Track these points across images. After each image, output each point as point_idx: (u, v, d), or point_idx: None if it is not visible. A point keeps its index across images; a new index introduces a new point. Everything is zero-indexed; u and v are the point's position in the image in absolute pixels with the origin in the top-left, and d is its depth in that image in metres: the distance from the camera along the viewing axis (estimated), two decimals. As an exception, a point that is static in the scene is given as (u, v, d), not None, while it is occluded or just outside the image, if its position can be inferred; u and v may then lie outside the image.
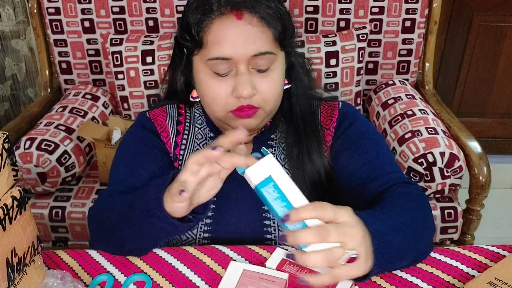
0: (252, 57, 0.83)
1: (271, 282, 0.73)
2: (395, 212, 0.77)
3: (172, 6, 1.80)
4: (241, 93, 0.83)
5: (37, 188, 1.52)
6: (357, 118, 0.96)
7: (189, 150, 0.97)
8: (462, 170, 1.45)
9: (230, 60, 0.83)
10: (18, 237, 0.66)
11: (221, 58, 0.83)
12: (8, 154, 0.64)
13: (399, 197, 0.82)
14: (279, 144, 0.97)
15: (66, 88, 1.93)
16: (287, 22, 0.88)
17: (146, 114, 1.00)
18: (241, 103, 0.85)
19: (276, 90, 0.88)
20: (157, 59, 1.71)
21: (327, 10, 1.80)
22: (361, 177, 0.89)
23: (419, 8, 1.78)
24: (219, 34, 0.83)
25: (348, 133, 0.93)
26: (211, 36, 0.84)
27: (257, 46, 0.83)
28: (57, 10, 1.80)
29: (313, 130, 0.94)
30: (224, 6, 0.83)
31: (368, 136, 0.93)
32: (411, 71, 1.89)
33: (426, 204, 0.84)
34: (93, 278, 0.78)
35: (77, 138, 1.61)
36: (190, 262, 0.82)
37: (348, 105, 0.99)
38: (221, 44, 0.83)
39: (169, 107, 1.00)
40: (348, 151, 0.92)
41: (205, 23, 0.84)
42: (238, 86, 0.83)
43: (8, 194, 0.65)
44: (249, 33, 0.83)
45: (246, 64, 0.84)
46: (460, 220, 1.51)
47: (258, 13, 0.83)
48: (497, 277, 0.73)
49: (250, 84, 0.83)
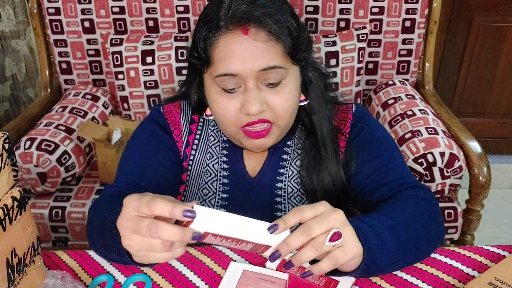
0: (260, 72, 0.81)
1: (271, 282, 0.73)
2: (392, 212, 0.77)
3: (172, 6, 1.79)
4: (249, 110, 0.81)
5: (37, 188, 1.52)
6: (369, 122, 0.95)
7: (200, 151, 0.96)
8: (462, 170, 1.45)
9: (237, 76, 0.81)
10: (18, 237, 0.66)
11: (228, 75, 0.81)
12: (8, 154, 0.64)
13: (403, 199, 0.82)
14: (295, 150, 0.96)
15: (66, 88, 1.93)
16: (298, 36, 0.84)
17: (160, 108, 0.98)
18: (252, 119, 0.84)
19: (289, 105, 0.86)
20: (157, 59, 1.71)
21: (327, 10, 1.80)
22: (372, 182, 0.88)
23: (419, 8, 1.78)
24: (225, 50, 0.81)
25: (360, 137, 0.92)
26: (217, 52, 0.82)
27: (265, 61, 0.81)
28: (57, 10, 1.80)
29: (330, 139, 0.93)
30: (231, 22, 0.81)
31: (380, 141, 0.92)
32: (411, 71, 1.89)
33: (432, 206, 0.83)
34: (93, 279, 0.78)
35: (77, 138, 1.61)
36: (190, 262, 0.82)
37: (361, 108, 0.98)
38: (227, 61, 0.81)
39: (184, 103, 0.99)
40: (360, 156, 0.91)
41: (212, 39, 0.82)
42: (246, 103, 0.82)
43: (8, 194, 0.65)
44: (256, 48, 0.80)
45: (255, 80, 0.82)
46: (460, 220, 1.51)
47: (265, 27, 0.80)
48: (497, 278, 0.73)
49: (258, 101, 0.82)
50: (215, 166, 0.96)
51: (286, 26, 0.82)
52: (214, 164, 0.96)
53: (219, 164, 0.96)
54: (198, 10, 1.79)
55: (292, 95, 0.86)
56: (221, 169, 0.96)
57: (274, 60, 0.81)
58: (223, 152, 0.96)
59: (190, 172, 0.97)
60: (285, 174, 0.95)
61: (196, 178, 0.96)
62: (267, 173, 0.95)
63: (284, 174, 0.95)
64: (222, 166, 0.96)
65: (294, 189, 0.94)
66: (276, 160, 0.95)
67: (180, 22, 1.82)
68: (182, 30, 1.83)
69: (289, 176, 0.94)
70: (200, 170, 0.96)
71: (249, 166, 0.96)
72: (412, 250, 0.76)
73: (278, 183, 0.94)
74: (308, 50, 0.89)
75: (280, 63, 0.82)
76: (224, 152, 0.96)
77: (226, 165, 0.96)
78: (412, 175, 0.91)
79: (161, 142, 0.94)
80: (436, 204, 0.85)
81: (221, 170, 0.96)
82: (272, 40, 0.81)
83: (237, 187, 0.94)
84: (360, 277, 0.75)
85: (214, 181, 0.95)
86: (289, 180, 0.94)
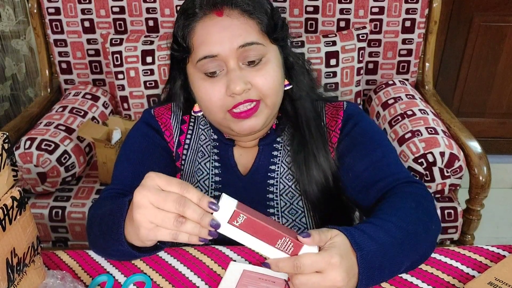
0: (239, 49, 0.83)
1: (271, 282, 0.73)
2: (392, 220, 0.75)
3: (172, 6, 1.80)
4: (234, 89, 0.82)
5: (37, 188, 1.52)
6: (362, 118, 0.95)
7: (192, 150, 0.97)
8: (462, 170, 1.45)
9: (218, 57, 0.83)
10: (18, 237, 0.66)
11: (209, 57, 0.83)
12: (8, 154, 0.64)
13: (400, 198, 0.81)
14: (284, 147, 0.96)
15: (66, 88, 1.93)
16: (273, 13, 0.88)
17: (151, 111, 1.00)
18: (237, 100, 0.84)
19: (273, 82, 0.86)
20: (157, 59, 1.71)
21: (327, 10, 1.80)
22: (366, 178, 0.88)
23: (419, 8, 1.78)
24: (202, 34, 0.84)
25: (353, 134, 0.93)
26: (195, 38, 0.85)
27: (242, 37, 0.83)
28: (57, 10, 1.80)
29: (319, 133, 0.93)
30: (206, 7, 0.84)
31: (373, 137, 0.92)
32: (411, 71, 1.89)
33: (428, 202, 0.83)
34: (93, 279, 0.78)
35: (77, 138, 1.61)
36: (190, 262, 0.82)
37: (353, 105, 0.98)
38: (206, 43, 0.83)
39: (175, 105, 1.00)
40: (353, 152, 0.91)
41: (189, 27, 0.85)
42: (230, 84, 0.83)
43: (8, 194, 0.65)
44: (231, 26, 0.83)
45: (235, 60, 0.84)
46: (460, 220, 1.51)
47: (238, 6, 0.84)
48: (497, 277, 0.73)
49: (241, 79, 0.83)
50: (207, 164, 0.97)
51: (259, 3, 0.86)
52: (206, 162, 0.97)
53: (211, 162, 0.97)
54: (198, 10, 1.79)
55: (274, 72, 0.87)
56: (212, 167, 0.96)
57: (251, 37, 0.84)
58: (214, 151, 0.97)
59: (183, 172, 0.98)
60: (277, 171, 0.95)
61: (189, 177, 0.97)
62: (259, 170, 0.95)
63: (276, 170, 0.95)
64: (213, 164, 0.97)
65: (286, 185, 0.94)
66: (266, 156, 0.95)
67: (180, 22, 1.82)
68: (182, 30, 1.83)
69: (281, 173, 0.95)
70: (192, 169, 0.97)
71: (240, 163, 0.96)
72: (412, 250, 0.75)
73: (270, 180, 0.95)
74: (285, 30, 0.91)
75: (257, 40, 0.84)
76: (215, 150, 0.97)
77: (218, 163, 0.96)
78: (406, 169, 0.91)
79: (154, 143, 0.95)
80: (432, 199, 0.85)
81: (212, 168, 0.96)
82: (247, 17, 0.84)
83: (229, 184, 0.95)
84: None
85: (206, 179, 0.96)
86: (281, 176, 0.95)
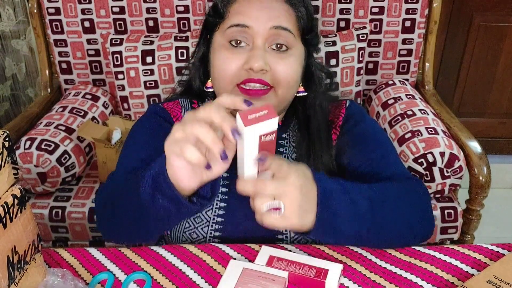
0: (272, 29, 0.84)
1: (271, 280, 0.73)
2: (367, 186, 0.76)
3: (172, 6, 1.80)
4: (252, 65, 0.82)
5: (37, 188, 1.52)
6: (363, 118, 0.95)
7: None
8: (462, 170, 1.45)
9: (249, 29, 0.84)
10: (18, 235, 0.66)
11: (241, 25, 0.85)
12: (8, 152, 0.65)
13: (391, 183, 0.82)
14: (290, 144, 0.96)
15: (66, 88, 1.93)
16: (312, 17, 0.90)
17: (160, 104, 1.00)
18: (251, 76, 0.84)
19: (291, 74, 0.87)
20: (157, 59, 1.71)
21: (327, 10, 1.80)
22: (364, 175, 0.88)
23: (419, 8, 1.78)
24: (243, 5, 0.86)
25: (353, 132, 0.93)
26: (235, 6, 0.87)
27: (279, 20, 0.85)
28: (57, 10, 1.80)
29: (325, 134, 0.94)
30: None
31: (373, 137, 0.93)
32: (411, 71, 1.89)
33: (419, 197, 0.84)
34: (94, 276, 0.78)
35: (77, 138, 1.61)
36: (190, 260, 0.82)
37: (356, 104, 0.99)
38: (243, 14, 0.85)
39: (183, 101, 1.01)
40: (353, 150, 0.91)
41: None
42: (251, 58, 0.83)
43: (9, 192, 0.65)
44: (272, 8, 0.85)
45: (264, 39, 0.85)
46: (460, 220, 1.51)
47: None
48: (496, 276, 0.73)
49: (263, 59, 0.83)
50: None
51: (304, 1, 0.89)
52: None
53: None
54: (198, 10, 1.79)
55: (295, 66, 0.88)
56: None
57: (287, 23, 0.86)
58: None
59: None
60: None
61: None
62: None
63: None
64: None
65: None
66: None
67: (180, 22, 1.82)
68: (182, 30, 1.83)
69: None
70: None
71: None
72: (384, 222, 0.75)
73: None
74: (316, 38, 0.93)
75: (291, 29, 0.86)
76: None
77: None
78: (406, 169, 0.92)
79: (162, 128, 0.93)
80: (427, 198, 0.85)
81: None
82: (289, 6, 0.86)
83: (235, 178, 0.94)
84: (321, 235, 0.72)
85: None
86: None
